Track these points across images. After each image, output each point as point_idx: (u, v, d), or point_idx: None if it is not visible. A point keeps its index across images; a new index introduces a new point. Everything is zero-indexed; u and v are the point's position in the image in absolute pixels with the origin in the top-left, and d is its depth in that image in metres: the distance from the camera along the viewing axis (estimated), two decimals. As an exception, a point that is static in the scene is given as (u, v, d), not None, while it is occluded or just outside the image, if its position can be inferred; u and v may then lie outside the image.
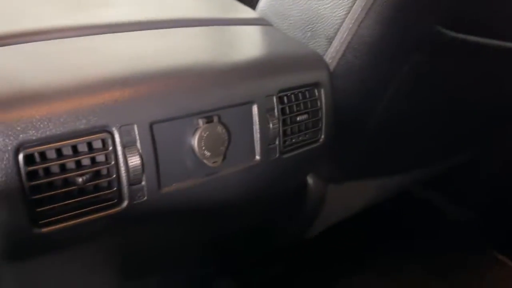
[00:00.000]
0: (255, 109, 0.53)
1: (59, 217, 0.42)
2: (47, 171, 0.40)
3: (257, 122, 0.53)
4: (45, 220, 0.41)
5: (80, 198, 0.42)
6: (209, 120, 0.49)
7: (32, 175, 0.39)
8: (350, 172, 0.82)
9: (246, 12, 0.71)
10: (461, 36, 0.66)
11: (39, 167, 0.39)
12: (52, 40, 0.49)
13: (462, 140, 1.00)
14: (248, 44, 0.61)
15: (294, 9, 0.68)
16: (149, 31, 0.55)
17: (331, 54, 0.64)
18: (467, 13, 0.67)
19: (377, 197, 0.97)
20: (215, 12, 0.68)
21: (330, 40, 0.64)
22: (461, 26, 0.65)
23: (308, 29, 0.67)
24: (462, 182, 1.30)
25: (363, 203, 0.94)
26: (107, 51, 0.49)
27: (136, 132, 0.44)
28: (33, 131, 0.39)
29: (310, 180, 0.78)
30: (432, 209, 1.35)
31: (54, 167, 0.40)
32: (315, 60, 0.61)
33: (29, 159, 0.39)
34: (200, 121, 0.48)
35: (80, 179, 0.42)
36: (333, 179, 0.81)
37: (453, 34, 0.65)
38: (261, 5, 0.73)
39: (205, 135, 0.49)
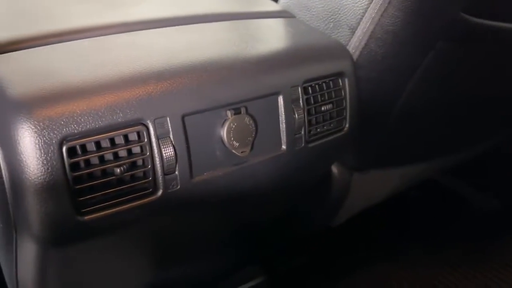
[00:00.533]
0: (280, 100, 0.54)
1: (99, 206, 0.44)
2: (88, 163, 0.43)
3: (283, 113, 0.55)
4: (87, 209, 0.44)
5: (118, 188, 0.45)
6: (237, 112, 0.51)
7: (74, 166, 0.42)
8: (374, 161, 0.83)
9: (269, 5, 0.72)
10: (485, 22, 0.66)
11: (81, 159, 0.42)
12: (88, 39, 0.51)
13: (487, 128, 0.99)
14: (272, 36, 0.63)
15: (316, 1, 0.69)
16: (178, 27, 0.57)
17: (354, 44, 0.65)
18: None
19: (402, 185, 0.97)
20: (240, 6, 0.70)
21: (353, 30, 0.65)
22: (485, 12, 0.65)
23: (331, 20, 0.67)
24: (488, 171, 1.29)
25: (388, 191, 0.95)
26: (141, 47, 0.51)
27: (169, 124, 0.46)
28: (75, 125, 0.41)
29: (334, 169, 0.79)
30: (457, 198, 1.35)
31: (94, 158, 0.43)
32: (339, 50, 0.62)
33: (71, 151, 0.42)
34: (229, 113, 0.50)
35: (118, 170, 0.44)
36: (358, 168, 0.82)
37: (477, 20, 0.65)
38: (283, -3, 0.74)
39: (233, 126, 0.50)
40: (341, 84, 0.61)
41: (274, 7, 0.71)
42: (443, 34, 0.65)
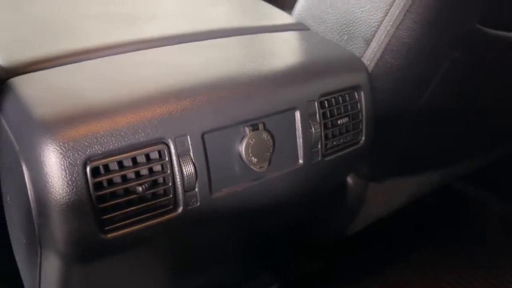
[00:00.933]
0: (297, 115, 0.55)
1: (121, 223, 0.45)
2: (110, 182, 0.44)
3: (300, 128, 0.55)
4: (110, 227, 0.44)
5: (139, 206, 0.45)
6: (255, 128, 0.51)
7: (97, 186, 0.43)
8: (390, 170, 0.83)
9: (283, 17, 0.72)
10: (500, 33, 0.65)
11: (104, 178, 0.43)
12: (108, 57, 0.52)
13: (503, 133, 0.98)
14: (288, 50, 0.63)
15: (331, 13, 0.69)
16: (194, 43, 0.58)
17: (369, 56, 0.65)
18: (506, 11, 0.66)
19: (418, 193, 0.97)
20: (255, 19, 0.70)
21: (367, 42, 0.65)
22: (501, 23, 0.65)
23: (345, 32, 0.68)
24: (504, 175, 1.28)
25: (404, 199, 0.94)
26: (160, 65, 0.52)
27: (189, 142, 0.47)
28: (98, 146, 0.42)
29: (349, 179, 0.79)
30: (473, 203, 1.33)
31: (117, 177, 0.44)
32: (354, 63, 0.63)
33: (94, 171, 0.42)
34: (247, 129, 0.51)
35: (140, 188, 0.45)
36: (373, 177, 0.82)
37: (492, 32, 0.65)
38: (297, 9, 0.75)
39: (252, 142, 0.51)
40: (357, 97, 0.61)
41: (288, 19, 0.71)
42: (459, 45, 0.65)
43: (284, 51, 0.62)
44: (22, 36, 0.56)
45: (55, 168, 0.41)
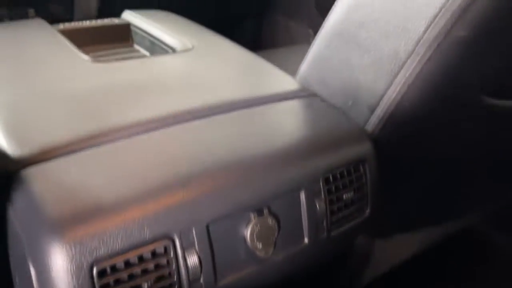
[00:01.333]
0: (302, 195, 0.55)
1: (128, 319, 0.45)
2: (117, 280, 0.44)
3: (305, 207, 0.55)
4: (116, 323, 0.45)
5: (146, 300, 0.46)
6: (260, 213, 0.52)
7: (104, 286, 0.43)
8: (397, 228, 0.83)
9: (287, 82, 0.72)
10: (504, 103, 0.66)
11: (111, 279, 0.43)
12: (116, 142, 0.53)
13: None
14: (292, 124, 0.64)
15: (336, 78, 0.70)
16: (196, 121, 0.58)
17: (373, 123, 0.66)
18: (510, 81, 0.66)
19: (428, 245, 0.96)
20: (258, 87, 0.71)
21: (372, 110, 0.66)
22: (504, 93, 0.65)
23: (350, 98, 0.68)
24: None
25: (413, 252, 0.94)
26: (163, 150, 0.52)
27: (194, 234, 0.47)
28: (105, 248, 0.42)
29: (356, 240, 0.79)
30: (485, 241, 1.32)
31: (123, 276, 0.44)
32: (359, 135, 0.63)
33: (101, 272, 0.43)
34: (252, 215, 0.51)
35: (145, 284, 0.45)
36: (380, 235, 0.82)
37: (495, 101, 0.65)
38: (301, 72, 0.75)
39: (257, 228, 0.51)
40: (362, 169, 0.61)
41: (292, 85, 0.71)
42: (464, 116, 0.65)
43: (287, 126, 0.62)
44: (31, 118, 0.57)
45: (61, 273, 0.41)
